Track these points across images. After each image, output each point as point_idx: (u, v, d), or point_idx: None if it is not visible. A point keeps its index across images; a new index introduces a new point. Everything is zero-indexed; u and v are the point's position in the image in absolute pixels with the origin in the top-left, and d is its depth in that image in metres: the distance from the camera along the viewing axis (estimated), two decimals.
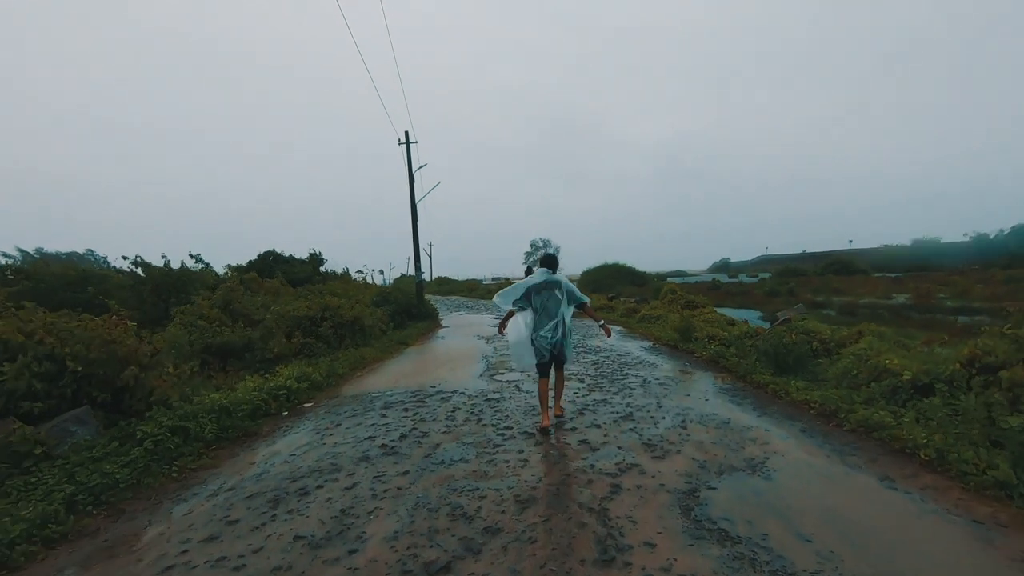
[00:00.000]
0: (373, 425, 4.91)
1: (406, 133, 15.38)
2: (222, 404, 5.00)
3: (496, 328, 5.63)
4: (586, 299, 4.92)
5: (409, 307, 14.45)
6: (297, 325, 9.35)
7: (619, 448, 4.00)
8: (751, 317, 17.88)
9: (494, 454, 3.97)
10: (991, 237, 46.66)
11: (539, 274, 4.76)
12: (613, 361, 7.90)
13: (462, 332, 13.08)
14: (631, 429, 4.48)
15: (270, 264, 19.49)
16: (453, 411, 5.29)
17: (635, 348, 9.39)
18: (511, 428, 4.61)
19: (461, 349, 10.08)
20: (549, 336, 4.57)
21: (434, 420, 4.99)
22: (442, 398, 5.87)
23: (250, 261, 19.46)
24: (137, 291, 10.30)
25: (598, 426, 4.60)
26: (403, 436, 4.52)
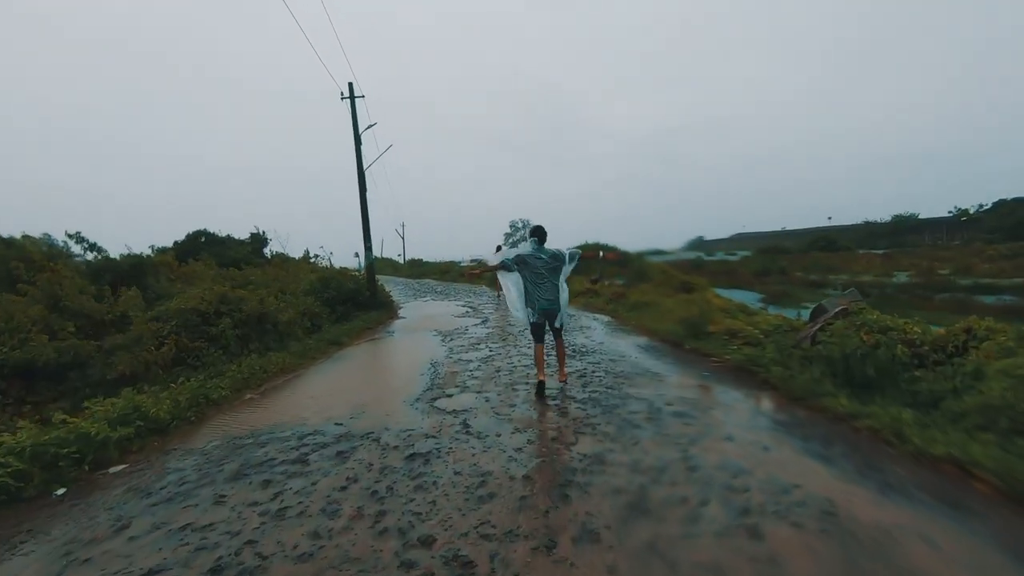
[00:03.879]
0: (184, 530, 2.66)
1: (350, 85, 12.74)
2: None
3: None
4: (577, 251, 5.04)
5: (356, 295, 12.07)
6: (183, 324, 6.97)
7: None
8: (747, 299, 16.02)
9: None
10: (971, 212, 46.15)
11: (529, 245, 4.96)
12: (605, 372, 5.75)
13: (418, 325, 10.78)
14: (654, 544, 2.33)
15: (201, 245, 16.77)
16: (344, 486, 3.07)
17: (630, 348, 7.28)
18: (431, 542, 2.41)
19: (406, 352, 7.84)
20: (537, 296, 4.82)
21: (300, 515, 2.76)
22: (339, 452, 3.64)
23: (176, 242, 16.72)
24: None
25: (595, 536, 2.43)
26: (217, 570, 2.29)
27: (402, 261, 59.93)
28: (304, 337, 8.33)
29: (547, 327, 4.96)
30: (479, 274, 5.08)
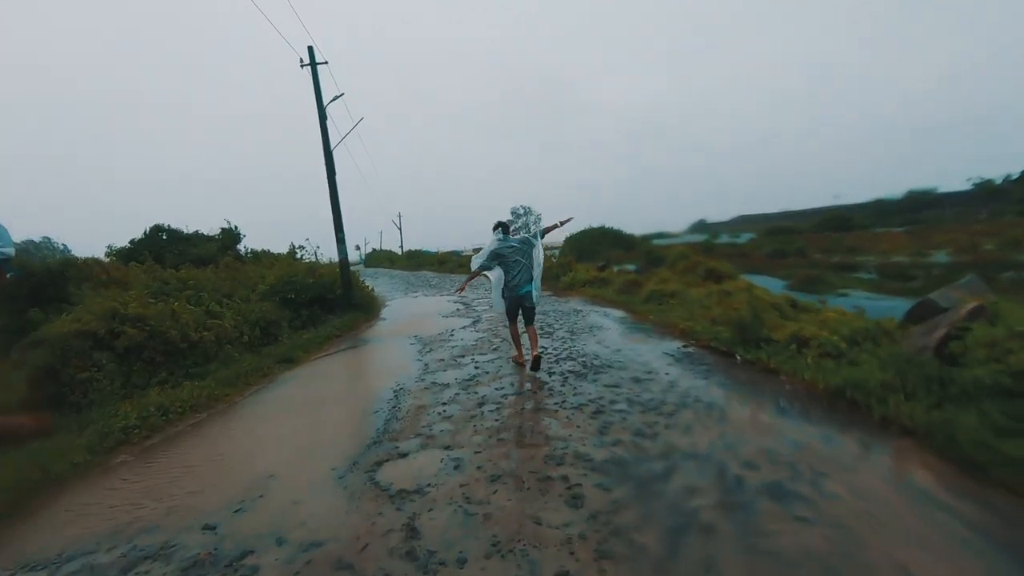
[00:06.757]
0: None
1: (310, 50, 10.85)
2: None
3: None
4: (540, 230, 5.55)
5: (325, 295, 10.36)
6: (69, 351, 5.27)
7: None
8: (771, 286, 14.18)
9: None
10: (996, 183, 43.79)
11: (495, 240, 5.37)
12: (629, 403, 4.02)
13: (397, 330, 9.04)
14: None
15: (162, 243, 15.04)
16: None
17: (659, 359, 5.51)
18: None
19: (369, 372, 6.16)
20: (514, 283, 5.21)
21: None
22: None
23: (132, 240, 14.98)
24: None
25: None
26: None
27: (400, 252, 58.34)
28: (242, 356, 6.59)
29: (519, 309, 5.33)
30: (463, 288, 5.76)
